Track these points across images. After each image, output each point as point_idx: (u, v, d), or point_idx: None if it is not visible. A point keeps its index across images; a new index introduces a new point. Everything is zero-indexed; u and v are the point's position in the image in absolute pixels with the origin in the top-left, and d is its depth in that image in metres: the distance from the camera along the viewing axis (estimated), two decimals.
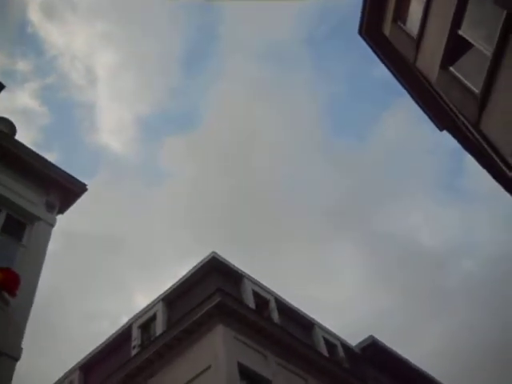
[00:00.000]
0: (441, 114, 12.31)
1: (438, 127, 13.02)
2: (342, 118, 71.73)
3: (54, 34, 61.19)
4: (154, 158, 69.51)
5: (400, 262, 64.13)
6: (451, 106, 10.59)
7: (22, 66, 59.72)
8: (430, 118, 12.85)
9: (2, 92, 13.70)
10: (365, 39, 13.04)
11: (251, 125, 62.61)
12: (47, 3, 55.25)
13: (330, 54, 68.97)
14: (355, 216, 64.98)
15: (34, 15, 58.57)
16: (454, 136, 12.32)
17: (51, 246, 12.08)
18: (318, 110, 67.41)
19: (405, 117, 63.83)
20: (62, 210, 13.25)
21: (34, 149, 13.03)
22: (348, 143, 70.29)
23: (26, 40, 59.36)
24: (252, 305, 17.79)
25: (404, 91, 12.99)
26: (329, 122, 72.00)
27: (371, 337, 22.54)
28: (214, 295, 15.51)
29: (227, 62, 65.79)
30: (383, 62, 13.10)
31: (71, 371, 21.17)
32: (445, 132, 12.76)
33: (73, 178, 13.34)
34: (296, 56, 65.85)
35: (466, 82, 9.39)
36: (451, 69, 9.86)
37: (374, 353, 22.12)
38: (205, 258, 18.62)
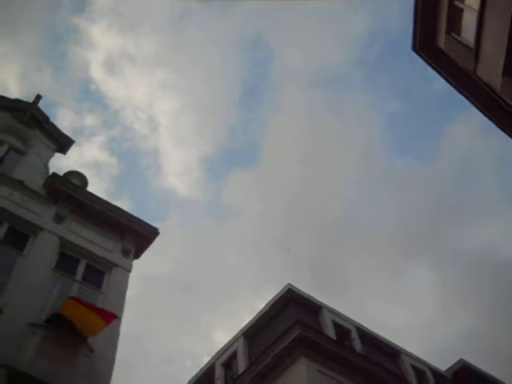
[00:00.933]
0: (509, 121, 11.84)
1: (508, 134, 12.51)
2: (404, 137, 70.35)
3: (116, 89, 64.14)
4: (220, 195, 70.55)
5: (482, 277, 61.24)
6: None
7: (89, 121, 62.79)
8: (497, 125, 12.37)
9: (73, 147, 14.42)
10: (419, 54, 12.81)
11: (310, 154, 62.48)
12: (108, 60, 58.18)
13: (385, 74, 68.27)
14: (429, 236, 62.92)
15: (96, 72, 61.66)
16: None
17: (128, 291, 12.35)
18: (378, 132, 66.55)
19: (469, 128, 61.89)
20: (137, 255, 13.59)
21: (106, 198, 13.59)
22: (412, 162, 68.73)
23: (90, 96, 62.56)
24: (333, 335, 17.43)
25: (466, 102, 12.61)
26: (390, 143, 70.77)
27: (461, 360, 21.50)
28: (293, 328, 15.32)
29: (281, 93, 66.45)
30: (441, 75, 12.80)
31: None
32: None
33: (145, 223, 13.70)
34: (349, 78, 65.69)
35: None
36: None
37: (466, 376, 21.03)
38: (281, 291, 18.51)
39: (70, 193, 12.76)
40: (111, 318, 10.26)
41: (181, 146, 68.22)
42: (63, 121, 59.05)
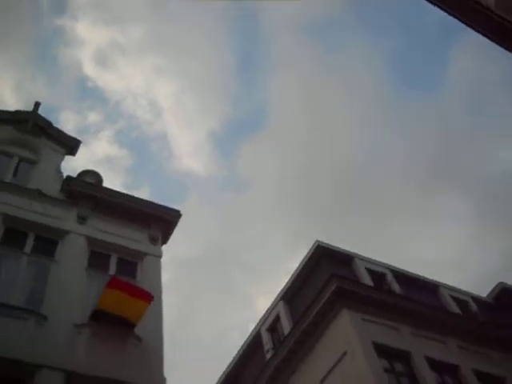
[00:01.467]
0: (509, 37, 11.55)
1: (509, 51, 12.23)
2: (408, 71, 69.28)
3: (112, 81, 63.82)
4: (234, 167, 70.50)
5: (509, 197, 60.91)
6: None
7: (92, 118, 62.78)
8: (499, 44, 12.09)
9: (82, 147, 14.45)
10: None
11: (316, 105, 61.91)
12: (99, 55, 57.74)
13: (377, 11, 66.90)
14: (450, 164, 62.45)
15: (90, 69, 61.33)
16: None
17: (165, 276, 12.52)
18: (382, 69, 65.61)
19: (472, 52, 60.72)
20: (164, 241, 13.72)
21: (124, 191, 13.71)
22: (421, 94, 67.84)
23: (88, 94, 62.45)
24: (369, 282, 17.55)
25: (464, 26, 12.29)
26: (396, 78, 69.79)
27: (501, 283, 21.56)
28: (329, 282, 15.43)
29: (276, 51, 65.55)
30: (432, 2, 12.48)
31: None
32: None
33: (166, 207, 13.80)
34: (343, 22, 64.53)
35: None
36: None
37: (508, 299, 21.12)
38: (311, 249, 18.63)
39: (87, 192, 12.87)
40: (149, 296, 10.41)
41: (187, 127, 68.07)
42: (67, 123, 59.11)
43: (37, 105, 14.40)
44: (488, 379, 15.97)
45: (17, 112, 14.06)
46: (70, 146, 14.51)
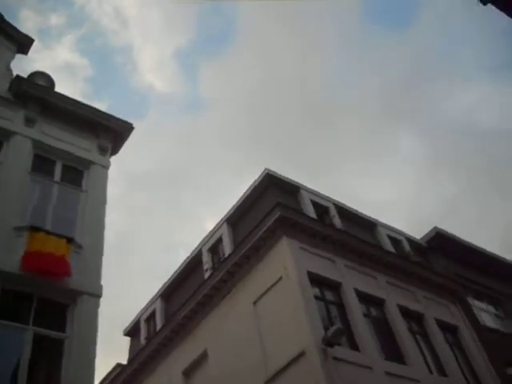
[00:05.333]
0: None
1: (481, 1, 12.20)
2: (380, 2, 68.32)
3: None
4: (196, 87, 69.33)
5: (460, 145, 62.63)
6: None
7: (55, 20, 59.62)
8: None
9: (42, 51, 13.80)
10: None
11: (287, 32, 60.70)
12: None
13: None
14: (409, 105, 63.29)
15: None
16: (500, 7, 11.54)
17: (118, 189, 12.57)
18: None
19: None
20: (114, 152, 13.60)
21: (84, 100, 13.29)
22: (391, 27, 67.36)
23: None
24: (312, 214, 18.03)
25: None
26: (367, 9, 68.80)
27: (435, 228, 22.55)
28: (274, 210, 15.77)
29: None
30: None
31: (153, 300, 22.48)
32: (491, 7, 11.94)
33: (118, 119, 13.57)
34: None
35: None
36: None
37: (440, 243, 22.19)
38: (259, 176, 18.83)
39: (37, 94, 12.44)
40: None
41: (153, 41, 65.84)
42: (26, 22, 56.08)
43: None
44: (409, 314, 17.09)
45: None
46: (23, 43, 13.79)
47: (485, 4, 12.45)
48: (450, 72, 66.29)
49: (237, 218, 19.35)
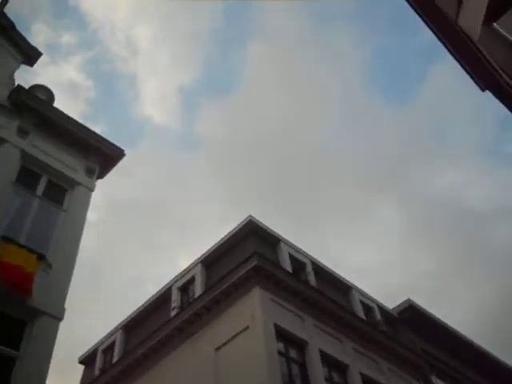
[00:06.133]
0: (484, 74, 11.83)
1: (480, 87, 12.53)
2: (385, 75, 70.21)
3: (95, 6, 61.47)
4: (192, 125, 69.97)
5: (439, 223, 63.28)
6: (494, 64, 10.18)
7: (67, 39, 60.43)
8: (471, 77, 12.36)
9: (49, 66, 13.85)
10: None
11: (289, 84, 61.86)
12: None
13: (377, 8, 67.12)
14: (394, 176, 64.21)
15: None
16: (497, 96, 11.87)
17: (97, 214, 12.47)
18: (361, 66, 66.12)
19: (449, 77, 62.03)
20: (101, 175, 13.50)
21: (81, 121, 13.28)
22: (391, 100, 68.99)
23: (68, 13, 59.92)
24: (289, 268, 17.92)
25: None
26: (371, 79, 70.57)
27: (408, 300, 22.49)
28: (251, 258, 15.66)
29: (263, 19, 64.83)
30: (422, 19, 12.61)
31: (114, 331, 21.92)
32: (489, 94, 12.30)
33: (110, 143, 13.52)
34: (336, 10, 64.39)
35: (510, 38, 9.00)
36: (495, 25, 9.44)
37: (412, 316, 22.09)
38: (242, 222, 18.77)
39: (34, 107, 12.40)
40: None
41: (160, 73, 66.74)
42: (38, 36, 56.71)
43: (4, 1, 13.60)
44: None
45: None
46: (30, 55, 13.81)
47: (483, 90, 12.79)
48: (440, 149, 67.72)
49: (212, 261, 19.16)
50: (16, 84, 12.70)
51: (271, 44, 64.03)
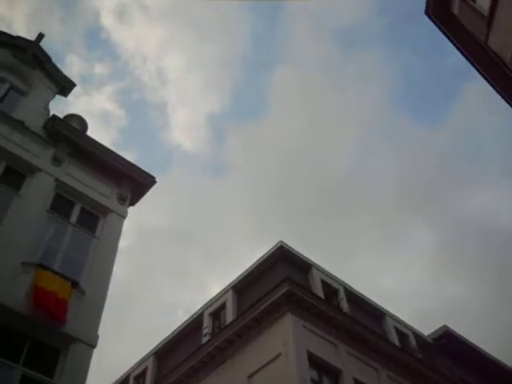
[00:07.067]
0: None
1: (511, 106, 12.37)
2: (413, 96, 69.88)
3: (126, 38, 63.12)
4: (222, 151, 70.51)
5: (471, 245, 61.95)
6: None
7: (99, 70, 62.09)
8: (502, 97, 12.23)
9: (82, 96, 14.24)
10: (431, 19, 12.55)
11: (316, 110, 62.05)
12: (119, 7, 56.95)
13: (401, 36, 67.21)
14: (426, 200, 63.30)
15: (107, 20, 60.57)
16: None
17: (127, 241, 12.63)
18: (389, 88, 65.98)
19: (482, 96, 61.36)
20: (132, 202, 13.65)
21: (112, 149, 13.52)
22: (420, 122, 68.50)
23: (100, 45, 61.65)
24: (321, 294, 17.70)
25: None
26: (400, 100, 70.31)
27: (445, 326, 21.95)
28: (282, 284, 15.54)
29: (290, 43, 65.50)
30: (452, 42, 12.58)
31: (146, 357, 21.89)
32: None
33: (142, 170, 13.71)
34: (363, 33, 64.68)
35: None
36: None
37: (448, 343, 21.51)
38: (273, 248, 18.68)
39: (69, 136, 12.70)
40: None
41: (189, 101, 67.79)
42: (71, 68, 58.39)
43: (40, 36, 14.09)
44: None
45: (18, 38, 13.75)
46: (64, 86, 14.24)
47: None
48: (471, 170, 66.65)
49: (243, 286, 19.07)
50: (51, 114, 13.04)
51: (298, 68, 64.61)
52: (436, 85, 68.35)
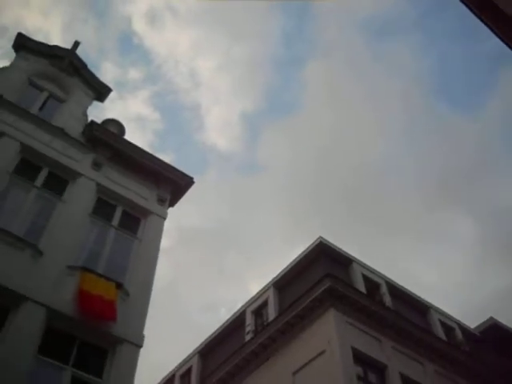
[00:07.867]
0: None
1: None
2: (450, 83, 68.48)
3: (158, 42, 63.86)
4: (256, 149, 70.60)
5: None
6: None
7: (133, 74, 63.03)
8: None
9: (117, 101, 14.48)
10: (465, 3, 12.22)
11: (350, 102, 61.47)
12: (151, 13, 57.66)
13: (435, 24, 65.95)
14: (466, 190, 61.94)
15: (139, 26, 61.41)
16: None
17: (169, 242, 12.70)
18: (425, 75, 64.84)
19: None
20: (172, 204, 13.79)
21: (150, 151, 13.68)
22: (459, 110, 67.10)
23: (134, 50, 62.57)
24: (362, 289, 17.54)
25: None
26: (436, 88, 69.00)
27: (491, 318, 21.45)
28: (323, 280, 15.46)
29: (319, 37, 65.02)
30: (488, 26, 12.24)
31: (190, 356, 22.13)
32: None
33: (180, 172, 13.83)
34: (394, 23, 63.71)
35: None
36: None
37: (495, 335, 21.02)
38: (312, 244, 18.61)
39: (107, 140, 12.92)
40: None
41: (222, 101, 68.18)
42: (106, 74, 59.51)
43: (76, 44, 14.39)
44: None
45: (55, 47, 14.07)
46: (101, 91, 14.51)
47: None
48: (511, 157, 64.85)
49: (284, 283, 19.06)
50: (89, 120, 13.29)
51: (329, 61, 64.15)
52: (473, 72, 66.85)
